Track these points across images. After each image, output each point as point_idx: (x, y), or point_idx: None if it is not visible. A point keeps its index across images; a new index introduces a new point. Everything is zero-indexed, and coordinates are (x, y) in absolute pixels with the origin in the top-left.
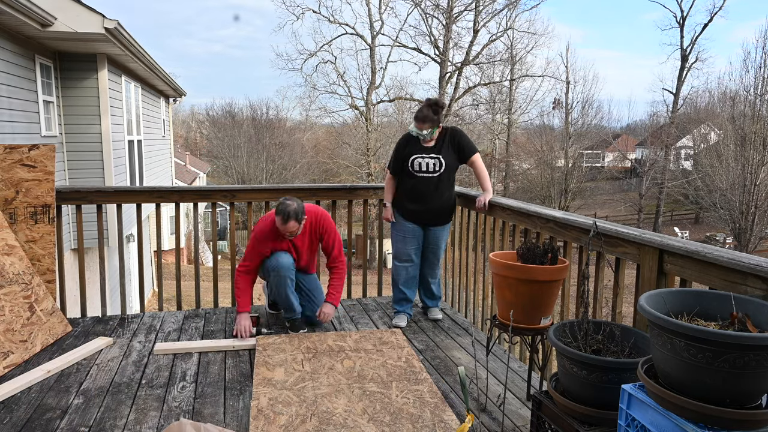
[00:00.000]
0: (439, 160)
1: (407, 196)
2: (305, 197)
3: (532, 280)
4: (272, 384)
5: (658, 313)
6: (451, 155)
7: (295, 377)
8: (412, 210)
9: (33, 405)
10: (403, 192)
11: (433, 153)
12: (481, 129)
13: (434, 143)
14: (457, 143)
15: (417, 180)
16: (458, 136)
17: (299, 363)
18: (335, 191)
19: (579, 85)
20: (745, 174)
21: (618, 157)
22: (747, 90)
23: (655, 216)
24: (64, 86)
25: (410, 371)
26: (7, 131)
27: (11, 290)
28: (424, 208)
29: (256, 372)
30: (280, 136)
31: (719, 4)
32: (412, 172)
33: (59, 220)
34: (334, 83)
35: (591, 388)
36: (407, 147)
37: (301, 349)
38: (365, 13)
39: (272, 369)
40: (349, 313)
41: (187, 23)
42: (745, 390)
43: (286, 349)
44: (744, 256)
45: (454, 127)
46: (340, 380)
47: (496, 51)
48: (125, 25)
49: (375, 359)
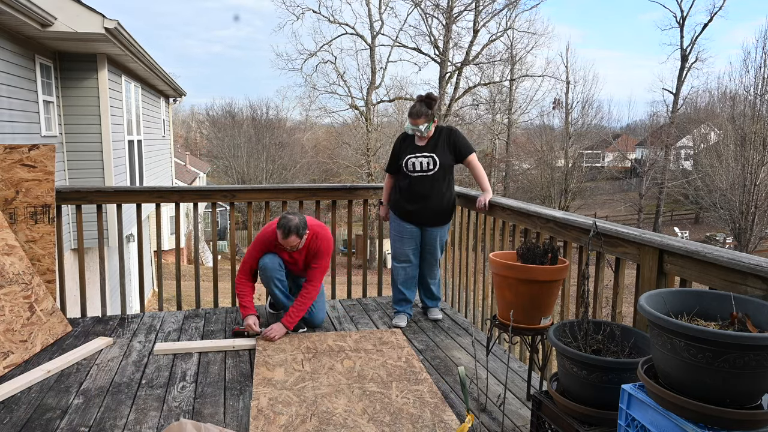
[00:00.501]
0: (433, 159)
1: (404, 196)
2: (305, 197)
3: (532, 280)
4: (272, 384)
5: (658, 313)
6: (446, 154)
7: (295, 377)
8: (409, 210)
9: (33, 405)
10: (400, 192)
11: (426, 152)
12: (481, 129)
13: (428, 142)
14: (452, 143)
15: (412, 179)
16: (454, 136)
17: (299, 363)
18: (335, 191)
19: (579, 85)
20: (745, 174)
21: (618, 157)
22: (747, 90)
23: (655, 216)
24: (64, 86)
25: (410, 371)
26: (7, 131)
27: (11, 290)
28: (420, 208)
29: (256, 372)
30: (280, 136)
31: (719, 4)
32: (407, 173)
33: (59, 220)
34: (334, 83)
35: (591, 388)
36: (402, 147)
37: (301, 349)
38: (365, 13)
39: (272, 369)
40: (349, 313)
41: (186, 24)
42: (745, 390)
43: (286, 349)
44: (744, 256)
45: (450, 126)
46: (340, 380)
47: (496, 51)
48: (124, 26)
49: (375, 359)
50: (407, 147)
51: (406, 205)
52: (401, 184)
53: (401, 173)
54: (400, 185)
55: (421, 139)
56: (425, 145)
